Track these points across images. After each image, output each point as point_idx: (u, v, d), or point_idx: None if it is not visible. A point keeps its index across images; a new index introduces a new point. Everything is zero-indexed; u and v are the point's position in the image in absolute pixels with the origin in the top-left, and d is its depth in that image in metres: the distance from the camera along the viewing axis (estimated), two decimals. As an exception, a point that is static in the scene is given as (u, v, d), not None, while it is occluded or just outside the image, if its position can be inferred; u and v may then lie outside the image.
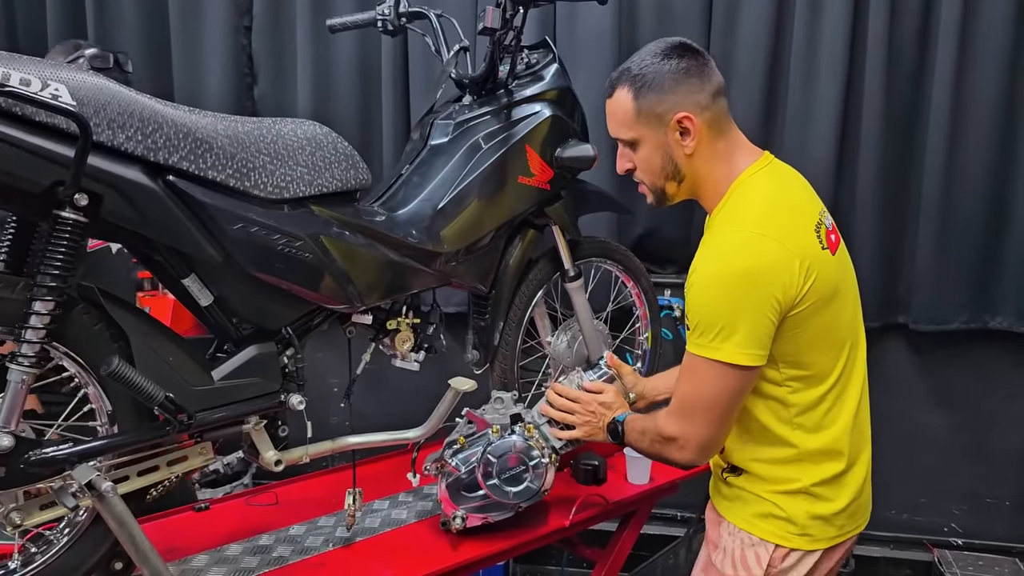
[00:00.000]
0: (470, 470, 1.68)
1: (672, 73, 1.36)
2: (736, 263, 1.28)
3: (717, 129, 1.39)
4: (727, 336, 1.29)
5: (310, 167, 1.48)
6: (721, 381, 1.32)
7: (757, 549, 1.42)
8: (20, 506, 1.27)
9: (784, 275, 1.28)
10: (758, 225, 1.31)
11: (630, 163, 1.46)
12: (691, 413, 1.36)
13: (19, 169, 1.15)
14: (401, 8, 1.93)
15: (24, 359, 1.21)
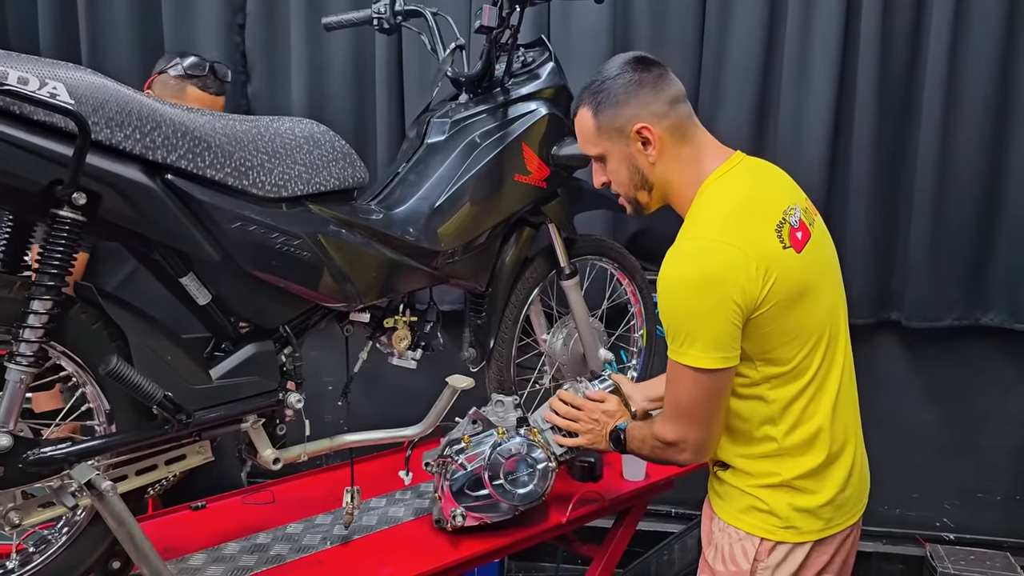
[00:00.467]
0: (475, 469, 1.69)
1: (625, 87, 1.41)
2: (691, 270, 1.31)
3: (680, 136, 1.42)
4: (691, 342, 1.33)
5: (308, 165, 1.48)
6: (696, 384, 1.36)
7: (744, 543, 1.44)
8: (19, 505, 1.27)
9: (741, 278, 1.29)
10: (714, 230, 1.32)
11: (604, 177, 1.51)
12: (680, 416, 1.41)
13: (17, 168, 1.15)
14: (397, 6, 1.94)
15: (22, 358, 1.21)
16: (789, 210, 1.39)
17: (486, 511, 1.71)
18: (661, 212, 2.70)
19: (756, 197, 1.38)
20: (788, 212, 1.39)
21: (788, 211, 1.39)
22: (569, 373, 2.12)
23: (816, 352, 1.40)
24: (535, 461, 1.72)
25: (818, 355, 1.40)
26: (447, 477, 1.70)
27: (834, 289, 1.48)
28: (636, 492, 2.02)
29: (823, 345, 1.41)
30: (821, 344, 1.41)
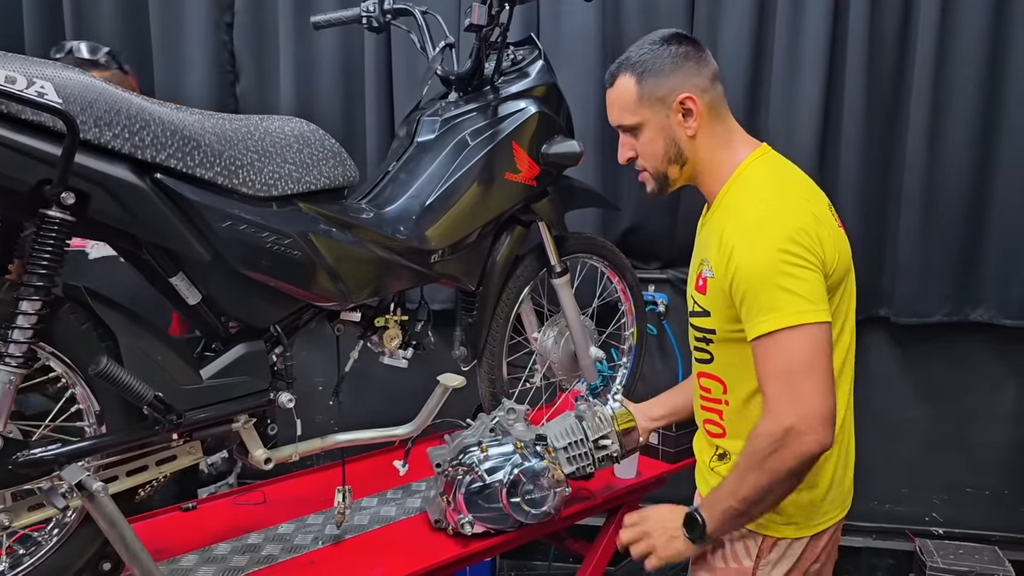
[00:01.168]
0: (495, 482, 1.69)
1: (672, 57, 1.41)
2: (782, 228, 1.29)
3: (716, 114, 1.44)
4: (794, 300, 1.26)
5: (298, 164, 1.48)
6: (806, 344, 1.26)
7: (746, 540, 1.45)
8: (8, 507, 1.26)
9: (820, 236, 1.30)
10: (787, 195, 1.34)
11: (632, 151, 1.49)
12: (795, 389, 1.26)
13: (5, 167, 1.14)
14: (386, 5, 1.93)
15: (12, 359, 1.20)
16: (829, 203, 1.44)
17: (494, 522, 1.72)
18: (648, 209, 2.74)
19: (802, 180, 1.41)
20: (830, 205, 1.44)
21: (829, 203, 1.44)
22: (560, 371, 2.12)
23: (844, 339, 1.42)
24: (553, 483, 1.73)
25: (844, 342, 1.43)
26: (463, 484, 1.70)
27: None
28: (627, 489, 2.02)
29: (848, 334, 1.44)
30: (847, 332, 1.43)
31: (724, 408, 1.49)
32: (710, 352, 1.49)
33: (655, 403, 1.83)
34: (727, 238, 1.35)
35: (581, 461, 1.79)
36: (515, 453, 1.74)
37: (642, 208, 2.80)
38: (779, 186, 1.38)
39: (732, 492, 1.34)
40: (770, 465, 1.28)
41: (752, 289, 1.29)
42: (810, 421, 1.25)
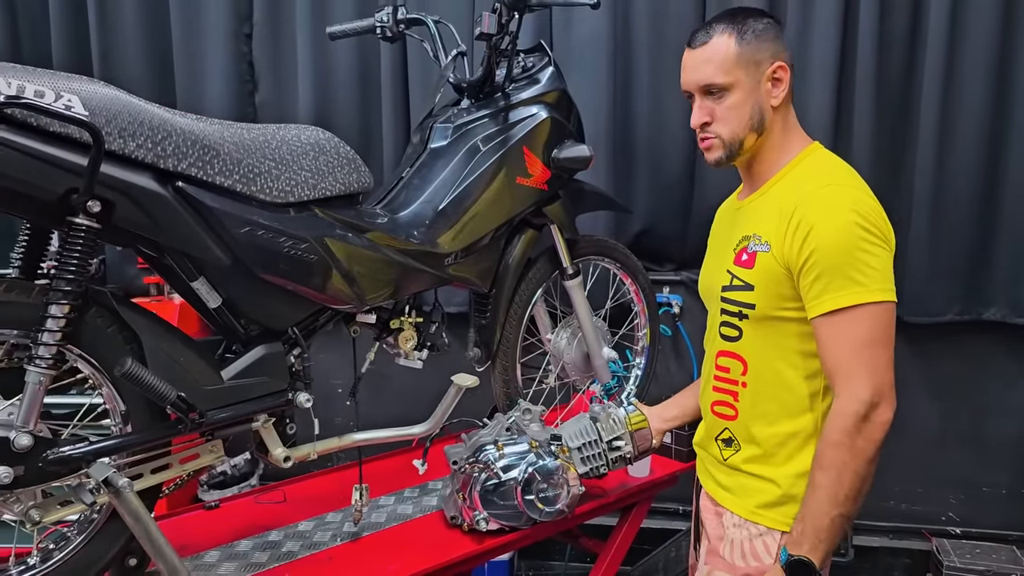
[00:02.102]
0: (510, 479, 1.73)
1: (769, 26, 1.43)
2: (861, 207, 1.33)
3: (790, 96, 1.48)
4: (868, 278, 1.30)
5: (314, 171, 1.52)
6: (877, 321, 1.30)
7: (765, 538, 1.45)
8: (39, 504, 1.31)
9: (889, 227, 1.36)
10: (858, 181, 1.40)
11: (708, 115, 1.46)
12: (873, 362, 1.31)
13: (34, 177, 1.19)
14: (399, 15, 1.98)
15: (41, 361, 1.25)
16: None
17: (508, 519, 1.76)
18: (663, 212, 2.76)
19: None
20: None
21: None
22: (574, 372, 2.15)
23: None
24: (568, 483, 1.77)
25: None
26: (479, 482, 1.74)
27: None
28: (640, 488, 2.05)
29: None
30: None
31: (740, 390, 1.50)
32: (740, 329, 1.48)
33: (668, 405, 1.85)
34: (800, 215, 1.35)
35: (595, 461, 1.82)
36: (530, 452, 1.78)
37: (655, 211, 2.83)
38: (849, 173, 1.43)
39: (832, 499, 1.30)
40: (861, 445, 1.29)
41: (832, 262, 1.31)
42: (884, 392, 1.31)
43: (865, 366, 1.31)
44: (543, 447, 1.80)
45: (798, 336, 1.40)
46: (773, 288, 1.40)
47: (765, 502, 1.46)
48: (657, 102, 2.78)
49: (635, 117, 2.81)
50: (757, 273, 1.43)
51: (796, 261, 1.35)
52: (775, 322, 1.42)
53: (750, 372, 1.48)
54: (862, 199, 1.35)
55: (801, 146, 1.48)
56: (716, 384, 1.57)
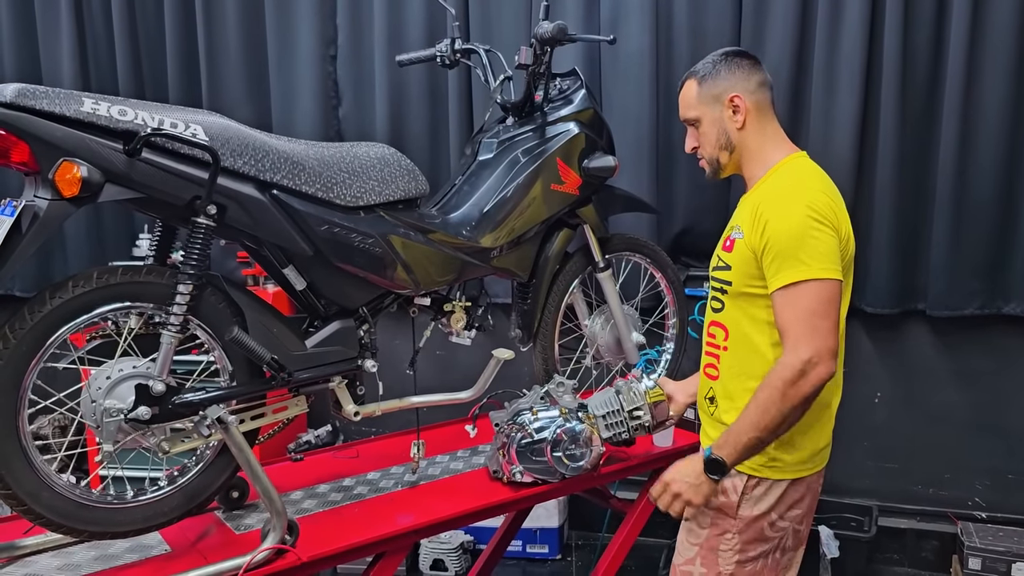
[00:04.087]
0: (541, 439, 2.05)
1: (726, 66, 1.75)
2: (807, 197, 1.61)
3: (762, 114, 1.75)
4: (813, 259, 1.56)
5: (380, 180, 1.88)
6: (820, 295, 1.55)
7: (734, 479, 1.72)
8: (168, 438, 1.70)
9: (836, 212, 1.63)
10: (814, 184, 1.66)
11: (695, 141, 1.82)
12: (814, 329, 1.54)
13: (170, 188, 1.58)
14: (456, 45, 2.32)
15: (172, 327, 1.64)
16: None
17: (540, 473, 2.07)
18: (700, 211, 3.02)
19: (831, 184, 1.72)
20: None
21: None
22: (606, 354, 2.46)
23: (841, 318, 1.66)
24: (589, 443, 2.08)
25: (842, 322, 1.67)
26: (515, 440, 2.07)
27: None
28: (664, 454, 2.34)
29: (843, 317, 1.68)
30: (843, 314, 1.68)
31: (722, 353, 1.79)
32: (722, 302, 1.79)
33: (691, 380, 2.10)
34: (762, 209, 1.66)
35: (617, 428, 2.12)
36: (560, 417, 2.10)
37: (694, 211, 3.10)
38: (810, 178, 1.70)
39: (754, 424, 1.57)
40: (791, 393, 1.55)
41: (784, 246, 1.59)
42: (823, 354, 1.54)
43: (808, 331, 1.55)
44: (572, 414, 2.12)
45: (765, 308, 1.68)
46: (744, 268, 1.70)
47: None
48: None
49: (675, 124, 3.06)
50: (734, 256, 1.73)
51: (759, 246, 1.65)
52: (747, 297, 1.71)
53: (730, 338, 1.76)
54: (815, 196, 1.63)
55: (781, 156, 1.75)
56: (707, 349, 1.85)
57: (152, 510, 1.72)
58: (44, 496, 1.58)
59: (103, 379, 1.64)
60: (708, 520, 1.77)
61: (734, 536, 1.74)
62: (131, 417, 1.61)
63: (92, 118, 1.49)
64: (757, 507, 1.72)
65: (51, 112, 1.46)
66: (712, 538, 1.76)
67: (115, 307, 1.62)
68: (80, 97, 1.50)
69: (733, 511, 1.73)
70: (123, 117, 1.53)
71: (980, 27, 2.74)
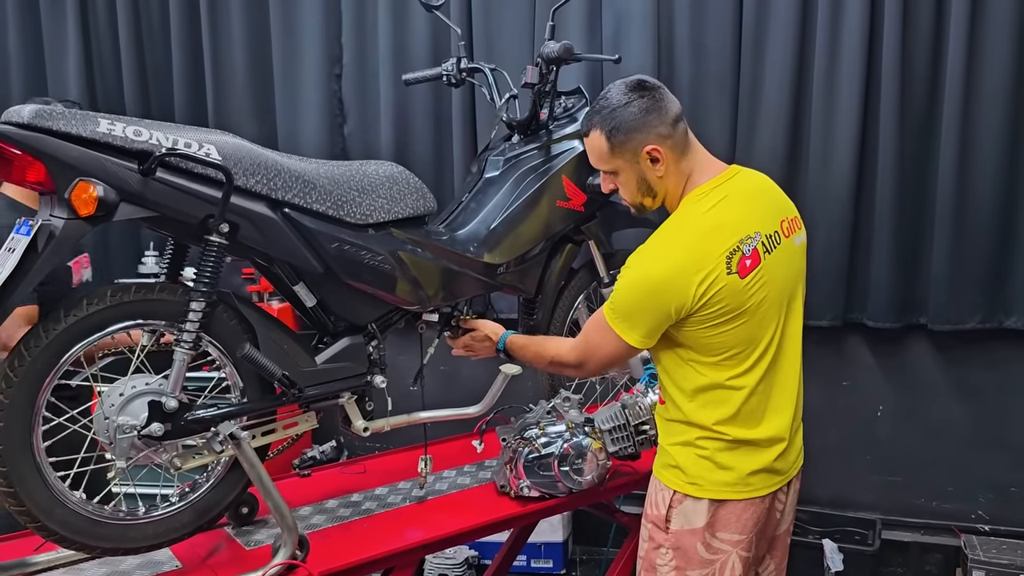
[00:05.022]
0: (549, 454, 2.07)
1: (635, 114, 1.63)
2: (650, 273, 1.62)
3: (680, 151, 1.67)
4: (631, 327, 1.65)
5: (388, 199, 1.91)
6: (617, 349, 1.71)
7: (663, 492, 1.75)
8: (179, 454, 1.72)
9: (681, 293, 1.59)
10: (677, 247, 1.61)
11: (613, 184, 1.77)
12: (592, 357, 1.79)
13: (183, 207, 1.60)
14: (462, 64, 2.35)
15: (185, 344, 1.66)
16: (747, 239, 1.62)
17: (547, 488, 2.09)
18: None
19: (720, 222, 1.63)
20: (745, 241, 1.62)
21: (745, 240, 1.62)
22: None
23: (752, 354, 1.67)
24: (597, 458, 2.09)
25: (752, 357, 1.67)
26: (523, 455, 2.08)
27: (782, 302, 1.71)
28: (668, 469, 2.35)
29: (759, 350, 1.67)
30: (757, 350, 1.67)
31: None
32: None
33: None
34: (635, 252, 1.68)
35: (623, 443, 2.14)
36: (567, 431, 2.11)
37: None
38: (686, 235, 1.63)
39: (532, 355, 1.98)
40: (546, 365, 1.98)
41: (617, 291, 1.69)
42: (586, 370, 1.89)
43: (587, 354, 1.80)
44: (578, 428, 2.13)
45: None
46: None
47: (664, 463, 1.77)
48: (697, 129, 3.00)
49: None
50: None
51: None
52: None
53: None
54: (663, 269, 1.61)
55: (694, 187, 1.69)
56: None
57: (163, 526, 1.74)
58: (57, 512, 1.60)
59: (116, 396, 1.65)
60: (647, 533, 1.79)
61: (668, 551, 1.73)
62: (144, 434, 1.63)
63: (108, 138, 1.52)
64: (686, 522, 1.70)
65: (67, 132, 1.48)
66: (650, 552, 1.77)
67: (128, 324, 1.65)
68: (96, 118, 1.52)
69: (663, 524, 1.74)
70: (138, 137, 1.55)
71: (978, 41, 2.77)
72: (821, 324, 2.97)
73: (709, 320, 1.62)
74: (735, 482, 1.69)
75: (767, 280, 1.66)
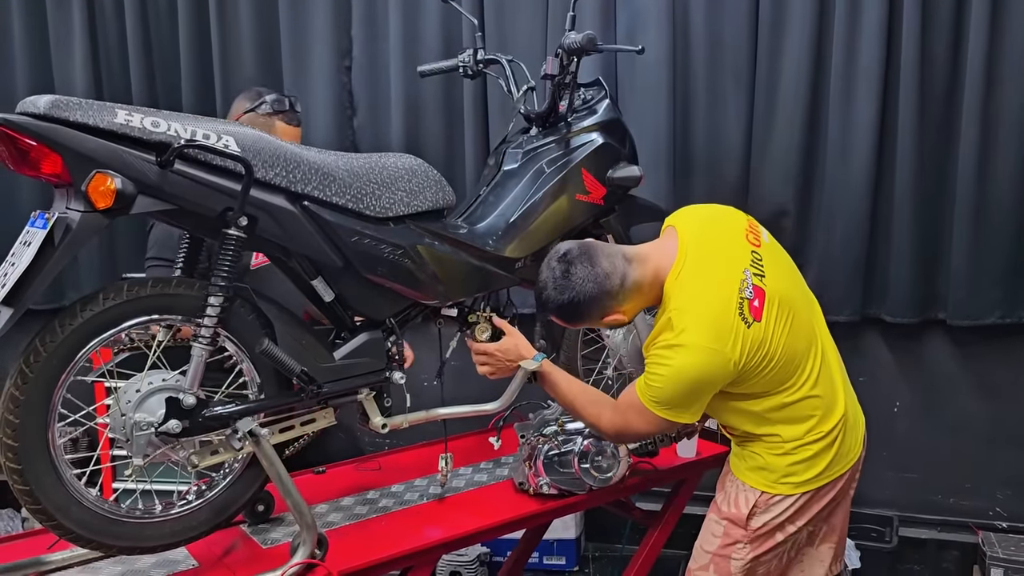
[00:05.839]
0: (569, 451, 2.05)
1: (579, 304, 1.71)
2: (683, 368, 1.66)
3: (636, 286, 1.74)
4: (677, 412, 1.71)
5: (408, 191, 1.87)
6: (656, 425, 1.77)
7: (747, 493, 1.80)
8: (197, 451, 1.69)
9: (722, 375, 1.67)
10: (691, 333, 1.65)
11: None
12: (629, 435, 1.90)
13: (202, 199, 1.57)
14: (479, 56, 2.31)
15: (203, 339, 1.62)
16: (742, 285, 1.69)
17: (567, 485, 2.06)
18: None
19: (709, 286, 1.70)
20: (742, 288, 1.69)
21: (742, 287, 1.69)
22: (628, 364, 2.44)
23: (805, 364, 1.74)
24: (617, 454, 2.07)
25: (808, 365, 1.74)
26: (542, 452, 2.05)
27: (800, 301, 1.79)
28: (687, 465, 2.33)
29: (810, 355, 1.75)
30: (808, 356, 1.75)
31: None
32: None
33: None
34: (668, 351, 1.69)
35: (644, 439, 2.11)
36: (586, 428, 2.08)
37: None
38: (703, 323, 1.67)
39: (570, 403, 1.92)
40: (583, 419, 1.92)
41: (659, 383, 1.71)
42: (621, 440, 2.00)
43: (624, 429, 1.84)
44: None
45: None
46: None
47: (751, 466, 1.81)
48: (713, 121, 3.05)
49: (693, 135, 3.08)
50: None
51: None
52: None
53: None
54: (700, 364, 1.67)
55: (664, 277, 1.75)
56: None
57: (180, 524, 1.70)
58: (73, 511, 1.57)
59: (133, 392, 1.62)
60: (721, 529, 1.84)
61: (745, 546, 1.81)
62: (161, 431, 1.60)
63: (125, 130, 1.49)
64: (767, 516, 1.78)
65: (84, 123, 1.45)
66: (724, 547, 1.83)
67: (145, 320, 1.61)
68: (113, 109, 1.49)
69: (743, 522, 1.80)
70: (156, 129, 1.52)
71: (1000, 28, 2.71)
72: (839, 319, 2.93)
73: (754, 374, 1.69)
74: (824, 470, 1.77)
75: (779, 300, 1.72)
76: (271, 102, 2.40)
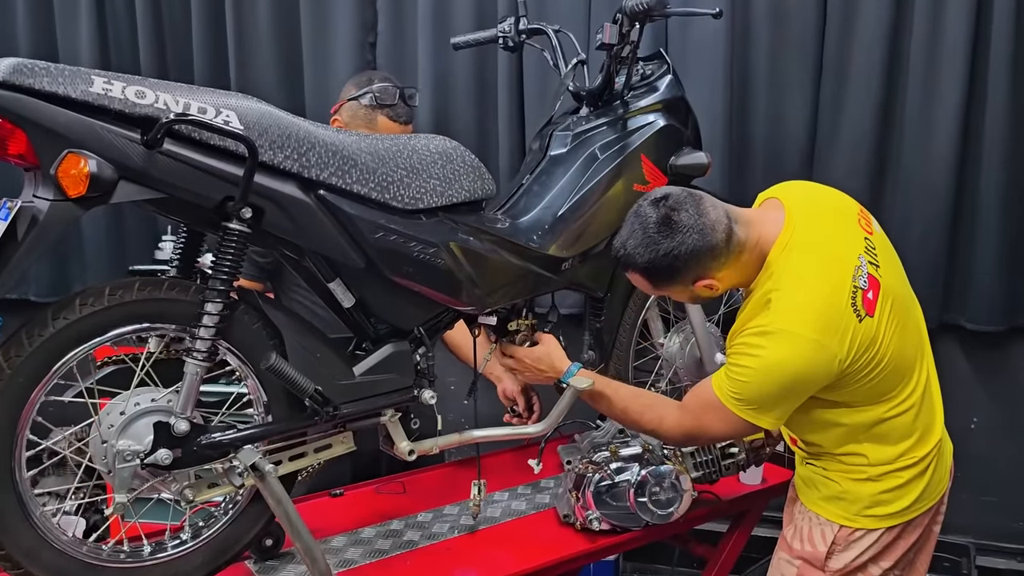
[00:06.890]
0: (623, 481, 1.77)
1: (676, 258, 1.43)
2: (781, 360, 1.42)
3: (736, 257, 1.47)
4: (762, 413, 1.48)
5: (442, 179, 1.59)
6: (740, 429, 1.54)
7: (824, 528, 1.57)
8: (192, 484, 1.43)
9: (823, 375, 1.43)
10: (796, 319, 1.42)
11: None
12: (702, 437, 1.66)
13: (197, 187, 1.31)
14: (521, 25, 2.03)
15: (198, 354, 1.37)
16: (857, 272, 1.45)
17: (621, 520, 1.79)
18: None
19: (823, 269, 1.45)
20: (856, 275, 1.45)
21: (856, 273, 1.45)
22: (686, 376, 2.16)
23: (911, 375, 1.52)
24: (680, 487, 1.79)
25: (915, 375, 1.53)
26: (592, 482, 1.78)
27: (911, 302, 1.57)
28: (752, 494, 2.05)
29: (917, 365, 1.54)
30: (915, 365, 1.53)
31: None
32: None
33: None
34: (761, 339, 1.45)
35: (707, 468, 1.85)
36: (643, 455, 1.81)
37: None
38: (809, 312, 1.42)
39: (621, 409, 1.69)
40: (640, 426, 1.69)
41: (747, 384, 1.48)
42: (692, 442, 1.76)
43: (697, 432, 1.61)
44: (656, 451, 1.83)
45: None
46: None
47: (826, 495, 1.57)
48: (775, 102, 2.76)
49: (750, 117, 2.80)
50: None
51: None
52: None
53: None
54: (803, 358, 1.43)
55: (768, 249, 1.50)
56: None
57: (173, 569, 1.46)
58: (44, 556, 1.32)
59: (116, 415, 1.37)
60: (795, 571, 1.61)
61: None
62: (148, 462, 1.35)
63: (103, 100, 1.23)
64: (849, 555, 1.56)
65: (53, 93, 1.20)
66: None
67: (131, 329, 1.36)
68: (89, 75, 1.23)
69: (821, 563, 1.58)
70: (141, 100, 1.26)
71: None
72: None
73: (856, 378, 1.46)
74: (913, 502, 1.56)
75: (893, 296, 1.49)
76: (376, 91, 2.09)
